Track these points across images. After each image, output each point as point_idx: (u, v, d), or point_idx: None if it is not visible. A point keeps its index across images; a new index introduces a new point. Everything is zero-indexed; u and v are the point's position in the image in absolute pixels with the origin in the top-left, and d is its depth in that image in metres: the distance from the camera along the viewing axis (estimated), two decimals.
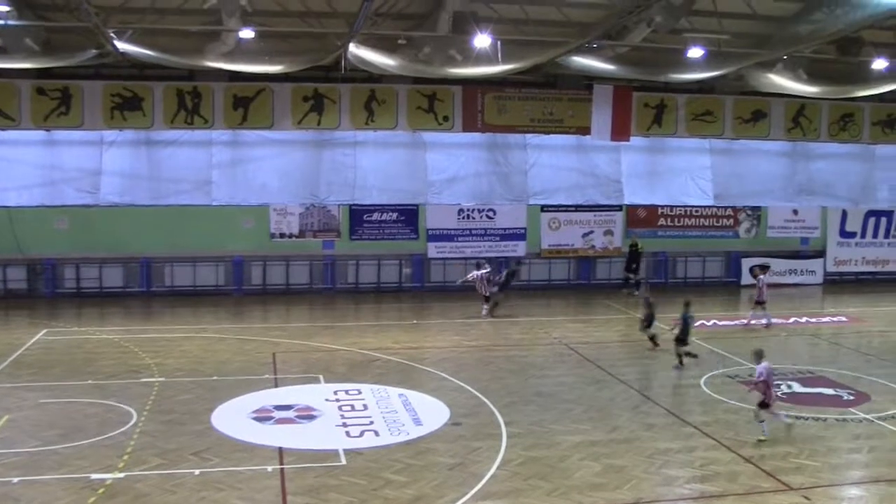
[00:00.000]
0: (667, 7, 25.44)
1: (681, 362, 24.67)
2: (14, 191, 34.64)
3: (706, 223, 40.60)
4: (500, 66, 28.55)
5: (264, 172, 36.41)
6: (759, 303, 31.05)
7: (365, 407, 20.79)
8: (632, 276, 37.73)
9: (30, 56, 27.32)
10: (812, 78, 32.36)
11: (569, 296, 35.89)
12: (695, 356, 24.97)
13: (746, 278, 39.60)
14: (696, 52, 28.65)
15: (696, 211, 40.22)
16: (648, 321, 27.31)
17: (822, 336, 30.39)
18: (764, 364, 18.85)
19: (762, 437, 18.48)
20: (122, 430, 18.97)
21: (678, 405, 21.42)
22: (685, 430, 19.36)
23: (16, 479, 16.15)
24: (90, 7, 23.08)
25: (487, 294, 32.22)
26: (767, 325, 30.80)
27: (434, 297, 35.65)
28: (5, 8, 23.50)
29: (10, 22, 24.30)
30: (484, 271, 32.46)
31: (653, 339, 27.14)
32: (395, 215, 37.69)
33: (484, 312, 32.01)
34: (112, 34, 25.56)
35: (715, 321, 31.85)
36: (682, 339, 24.79)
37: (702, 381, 23.36)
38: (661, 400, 21.64)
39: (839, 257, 42.32)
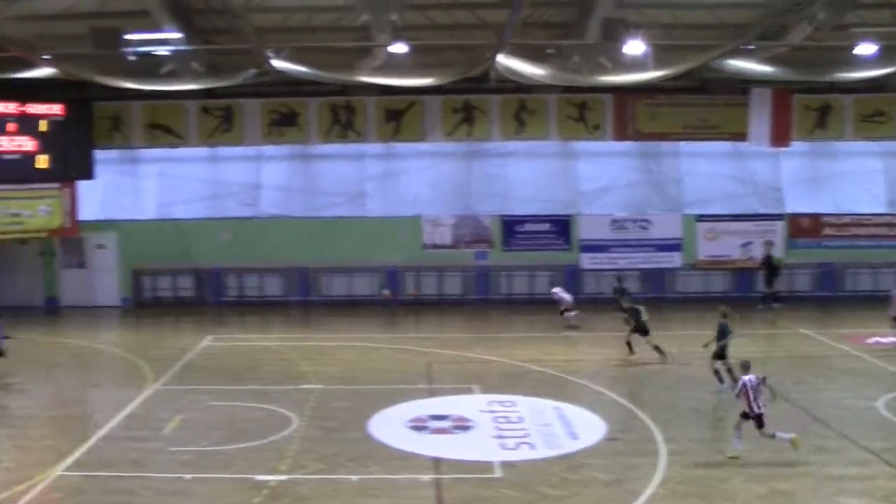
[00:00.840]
0: (830, 2, 24.27)
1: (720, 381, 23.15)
2: (182, 204, 36.50)
3: (878, 232, 38.51)
4: (651, 72, 28.17)
5: (416, 184, 36.89)
6: None
7: (520, 419, 20.76)
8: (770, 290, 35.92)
9: (196, 78, 28.35)
10: None
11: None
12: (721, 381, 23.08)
13: None
14: (866, 49, 27.14)
15: (867, 219, 38.21)
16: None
17: None
18: (747, 377, 18.10)
19: (732, 454, 17.76)
20: (284, 434, 19.47)
21: (852, 428, 19.81)
22: (862, 457, 18.06)
23: (188, 476, 16.86)
24: (250, 29, 23.77)
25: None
26: None
27: (587, 309, 35.31)
28: (176, 35, 24.47)
29: (180, 48, 25.25)
30: None
31: (657, 348, 26.42)
32: (547, 226, 37.55)
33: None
34: (270, 54, 26.25)
35: (893, 339, 29.58)
36: (719, 355, 23.30)
37: (879, 403, 21.85)
38: (833, 422, 20.26)
39: None
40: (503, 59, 27.78)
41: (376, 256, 36.99)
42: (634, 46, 26.04)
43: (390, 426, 20.23)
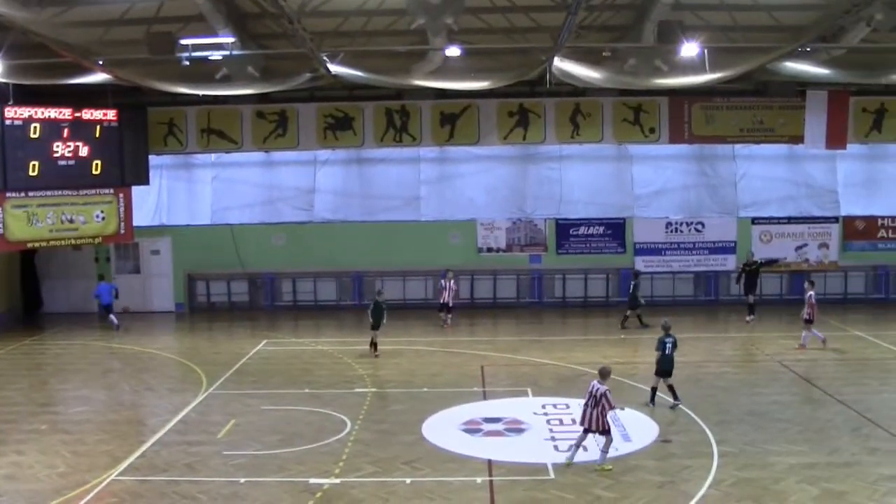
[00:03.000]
0: (889, 3, 23.99)
1: (653, 399, 22.40)
2: (237, 209, 36.84)
3: None
4: (707, 75, 27.95)
5: (471, 188, 36.95)
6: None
7: (573, 421, 20.68)
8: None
9: (251, 83, 28.55)
10: None
11: (782, 312, 34.73)
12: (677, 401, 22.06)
13: None
14: None
15: None
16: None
17: None
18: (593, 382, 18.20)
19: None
20: (338, 437, 19.64)
21: None
22: None
23: (242, 480, 17.08)
24: (305, 34, 23.93)
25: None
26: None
27: (641, 312, 35.13)
28: (231, 39, 24.67)
29: (235, 52, 25.47)
30: None
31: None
32: (601, 229, 37.47)
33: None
34: (325, 58, 26.40)
35: None
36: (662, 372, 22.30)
37: None
38: (886, 423, 20.25)
39: None
40: (559, 63, 27.71)
41: (431, 261, 37.07)
42: (690, 49, 25.86)
43: (444, 429, 20.33)
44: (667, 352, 22.10)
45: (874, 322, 33.52)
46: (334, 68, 27.33)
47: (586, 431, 17.87)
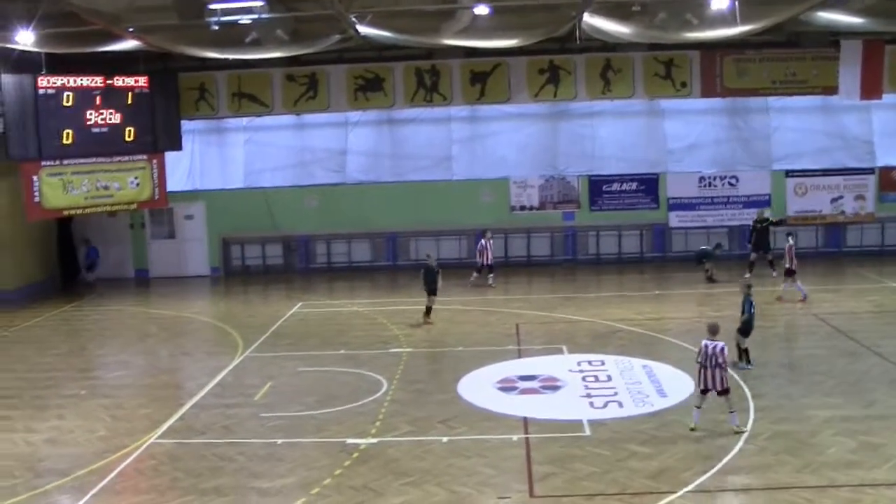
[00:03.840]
0: None
1: (740, 357, 21.44)
2: (269, 172, 37.04)
3: None
4: (739, 27, 27.65)
5: (503, 146, 36.86)
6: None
7: (609, 378, 20.81)
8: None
9: (280, 46, 28.54)
10: None
11: (817, 264, 34.52)
12: (748, 363, 21.37)
13: None
14: None
15: None
16: None
17: None
18: (705, 341, 17.23)
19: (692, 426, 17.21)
20: (374, 397, 19.79)
21: None
22: None
23: (279, 441, 17.28)
24: None
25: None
26: None
27: (676, 268, 35.09)
28: (259, 3, 24.67)
29: (263, 16, 25.48)
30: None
31: None
32: (634, 185, 37.30)
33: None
34: (353, 19, 26.35)
35: None
36: (744, 330, 21.48)
37: None
38: None
39: None
40: (588, 18, 27.50)
41: (463, 220, 37.10)
42: (721, 1, 25.61)
43: (480, 388, 20.43)
44: (752, 311, 21.32)
45: None
46: (363, 29, 27.27)
47: (704, 391, 17.26)
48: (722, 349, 16.98)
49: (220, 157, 37.60)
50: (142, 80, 32.31)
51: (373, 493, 14.61)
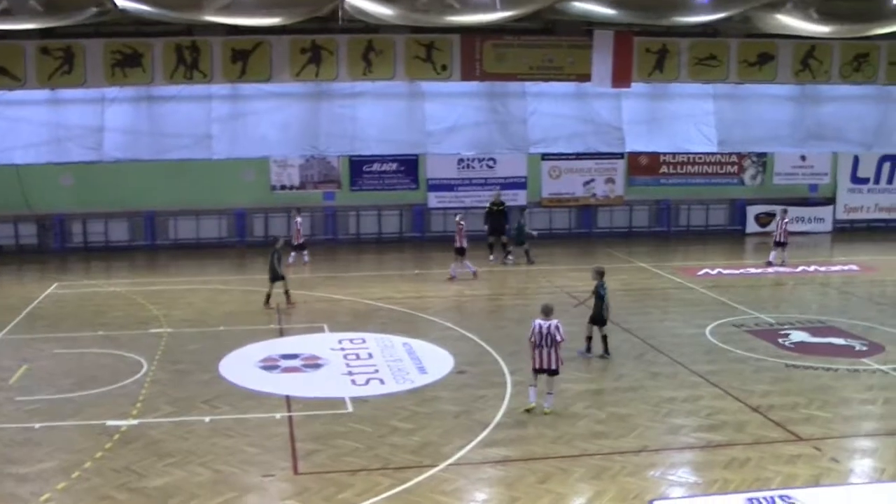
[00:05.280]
0: None
1: (588, 348, 21.23)
2: (21, 149, 34.97)
3: (710, 170, 40.42)
4: (498, 13, 28.43)
5: (264, 125, 36.39)
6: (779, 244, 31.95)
7: (370, 356, 21.14)
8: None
9: (33, 17, 27.41)
10: (824, 17, 31.03)
11: (570, 245, 36.04)
12: (607, 355, 21.18)
13: (751, 226, 39.66)
14: None
15: (700, 158, 39.98)
16: None
17: (832, 285, 30.34)
18: (538, 321, 17.36)
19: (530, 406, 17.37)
20: (134, 378, 19.44)
21: (683, 354, 21.31)
22: (691, 379, 19.51)
23: (37, 425, 16.74)
24: None
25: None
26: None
27: (435, 248, 35.85)
28: None
29: None
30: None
31: None
32: (394, 165, 37.86)
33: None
34: None
35: (720, 270, 31.91)
36: (597, 319, 21.23)
37: (707, 331, 23.47)
38: (666, 349, 21.65)
39: (850, 204, 41.64)
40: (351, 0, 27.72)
41: (224, 199, 36.69)
42: None
43: (241, 367, 20.37)
44: (604, 299, 20.98)
45: (656, 253, 35.31)
46: (121, 2, 26.55)
47: (539, 371, 17.35)
48: (557, 327, 17.22)
49: None
50: None
51: (135, 475, 14.39)
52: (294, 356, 21.10)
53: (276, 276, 26.43)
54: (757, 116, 38.82)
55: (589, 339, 21.20)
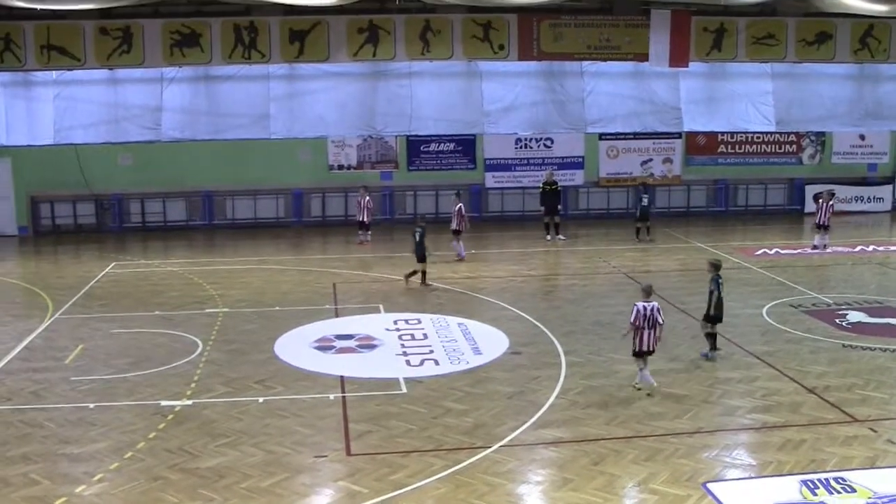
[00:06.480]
0: None
1: (713, 346, 19.65)
2: (80, 128, 35.60)
3: (768, 150, 39.85)
4: None
5: (321, 105, 36.59)
6: (821, 226, 31.15)
7: (425, 336, 21.10)
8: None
9: None
10: None
11: (627, 224, 35.70)
12: (716, 350, 19.70)
13: (810, 206, 38.98)
14: None
15: (758, 137, 39.45)
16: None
17: (890, 265, 29.66)
18: (640, 304, 17.25)
19: (637, 385, 17.38)
20: (189, 359, 19.52)
21: (739, 335, 20.98)
22: (746, 360, 19.28)
23: (92, 405, 16.83)
24: None
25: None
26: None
27: (492, 227, 35.79)
28: None
29: None
30: None
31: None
32: (452, 145, 37.76)
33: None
34: None
35: (777, 250, 31.51)
36: (711, 316, 19.52)
37: (763, 311, 23.14)
38: (722, 329, 20.85)
39: None
40: None
41: (281, 179, 36.84)
42: None
43: (296, 347, 20.41)
44: (719, 294, 19.27)
45: (713, 234, 34.91)
46: None
47: (640, 353, 17.34)
48: (658, 309, 17.27)
49: (28, 111, 35.93)
50: None
51: (188, 456, 14.46)
52: (349, 336, 21.10)
53: (422, 256, 26.45)
54: (815, 95, 38.56)
55: (711, 336, 19.70)
